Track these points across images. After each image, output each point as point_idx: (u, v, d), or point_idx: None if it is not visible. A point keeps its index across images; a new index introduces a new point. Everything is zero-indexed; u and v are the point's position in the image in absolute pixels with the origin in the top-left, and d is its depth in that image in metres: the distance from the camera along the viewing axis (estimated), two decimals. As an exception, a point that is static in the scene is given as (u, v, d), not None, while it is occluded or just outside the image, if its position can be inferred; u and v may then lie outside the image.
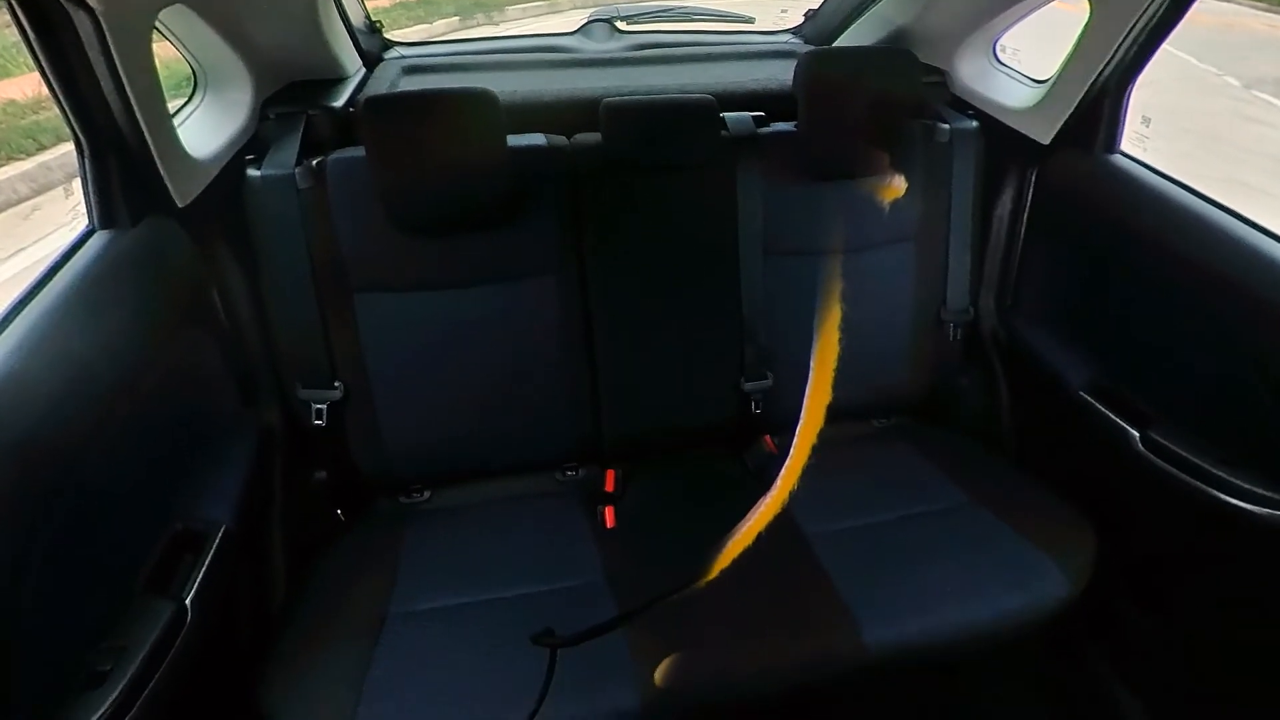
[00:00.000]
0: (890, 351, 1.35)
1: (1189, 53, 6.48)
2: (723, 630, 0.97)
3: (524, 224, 1.17)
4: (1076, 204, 1.24)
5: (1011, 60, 1.42)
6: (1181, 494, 1.01)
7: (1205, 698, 1.07)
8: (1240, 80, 6.25)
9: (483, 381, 1.20)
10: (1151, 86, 1.18)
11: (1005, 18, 1.33)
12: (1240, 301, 0.97)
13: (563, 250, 1.20)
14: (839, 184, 1.27)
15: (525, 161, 1.16)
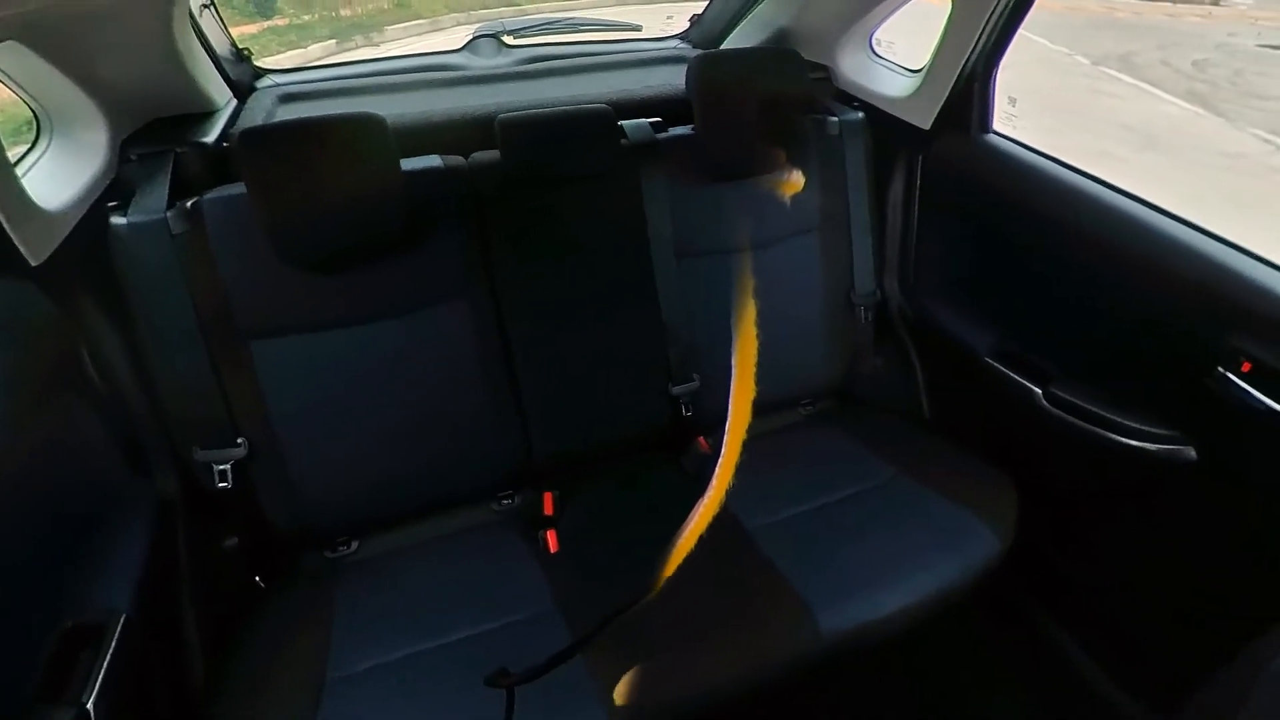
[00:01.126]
0: (807, 340, 1.41)
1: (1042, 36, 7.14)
2: (681, 637, 0.97)
3: (427, 250, 1.14)
4: (960, 183, 1.35)
5: (887, 53, 1.52)
6: (1085, 441, 1.11)
7: (1133, 622, 1.17)
8: (1089, 58, 6.96)
9: (402, 418, 1.15)
10: (1014, 69, 1.29)
11: (878, 13, 1.42)
12: (1116, 260, 1.08)
13: (471, 273, 1.17)
14: (741, 183, 1.31)
15: (422, 185, 1.13)
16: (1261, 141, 4.96)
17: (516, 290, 1.21)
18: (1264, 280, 0.92)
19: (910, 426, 1.43)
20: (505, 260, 1.20)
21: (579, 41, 1.71)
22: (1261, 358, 0.91)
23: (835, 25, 1.46)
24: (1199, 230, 1.02)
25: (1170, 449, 1.03)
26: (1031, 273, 1.24)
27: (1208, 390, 0.96)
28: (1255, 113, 5.51)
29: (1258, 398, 0.90)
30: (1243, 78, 6.44)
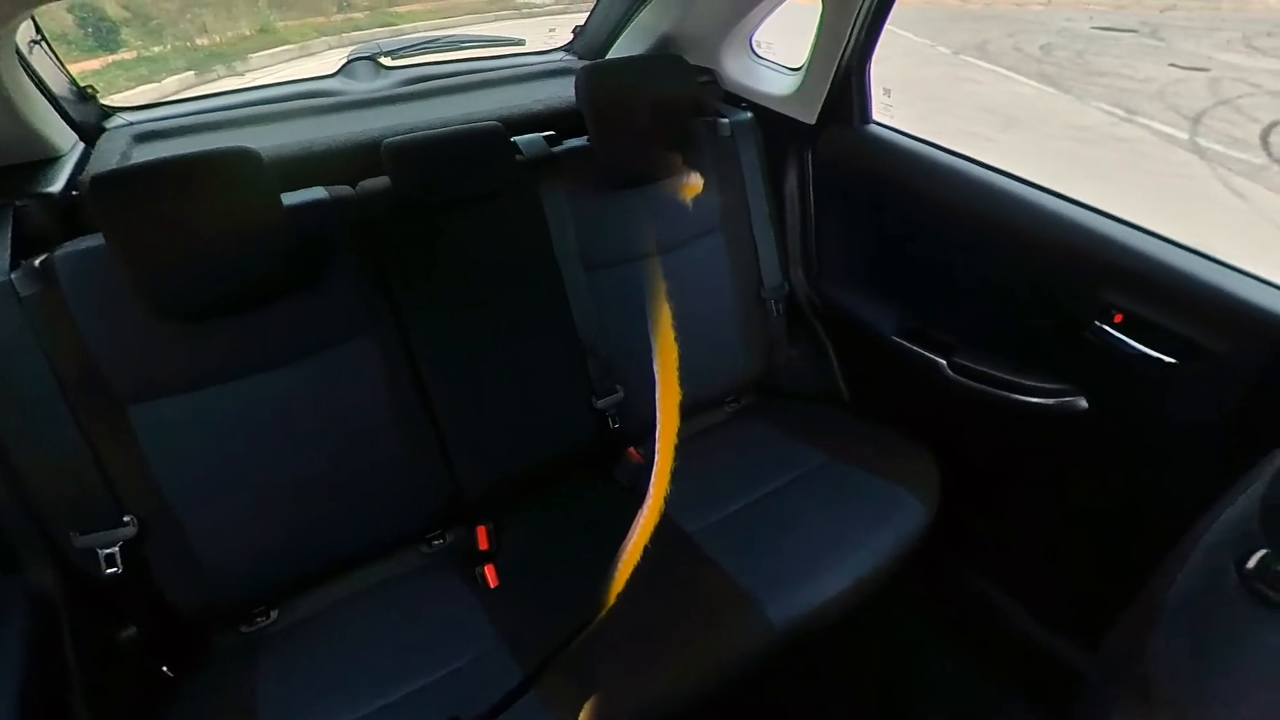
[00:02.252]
0: (724, 338, 1.44)
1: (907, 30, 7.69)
2: (635, 653, 0.97)
3: (321, 287, 1.08)
4: (849, 172, 1.43)
5: (767, 53, 1.59)
6: (990, 403, 1.20)
7: (1051, 567, 1.26)
8: (950, 48, 7.55)
9: (312, 470, 1.09)
10: (885, 62, 1.39)
11: (755, 15, 1.49)
12: (997, 232, 1.18)
13: (372, 307, 1.13)
14: (641, 189, 1.33)
15: (308, 219, 1.08)
16: (1105, 114, 5.53)
17: (423, 320, 1.17)
18: (1126, 240, 1.03)
19: (832, 410, 1.49)
20: (408, 290, 1.16)
21: (461, 59, 1.68)
22: (1130, 308, 1.02)
23: (716, 29, 1.51)
24: (1066, 199, 1.14)
25: (1064, 401, 1.13)
26: (924, 251, 1.32)
27: (1089, 343, 1.06)
28: (1098, 88, 6.15)
29: (1130, 344, 1.02)
30: (1083, 58, 7.18)
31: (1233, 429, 0.95)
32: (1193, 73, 6.39)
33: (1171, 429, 1.03)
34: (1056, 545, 1.24)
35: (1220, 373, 0.94)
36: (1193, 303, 0.96)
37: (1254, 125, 5.13)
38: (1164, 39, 7.72)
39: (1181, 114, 5.42)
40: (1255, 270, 0.95)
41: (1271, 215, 3.84)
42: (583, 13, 1.71)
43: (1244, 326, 0.91)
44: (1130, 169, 4.51)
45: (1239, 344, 0.92)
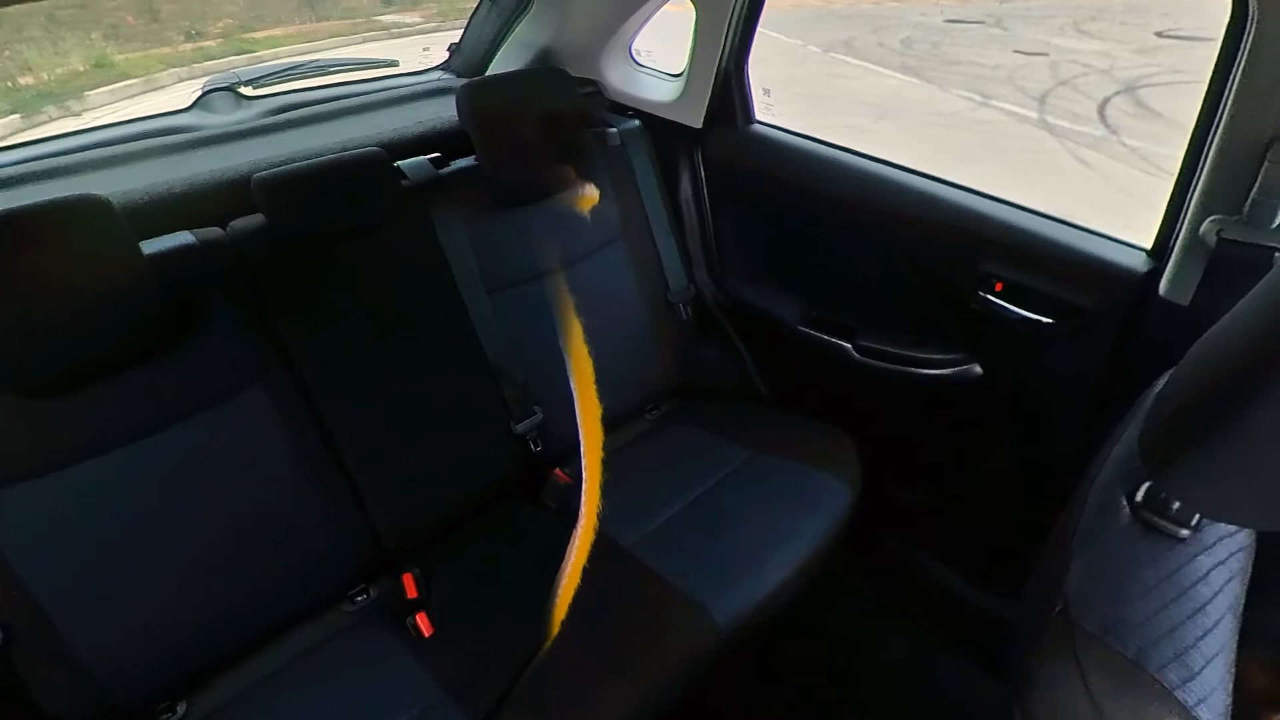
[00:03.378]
0: (637, 346, 1.45)
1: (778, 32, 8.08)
2: (587, 678, 0.95)
3: (198, 340, 1.00)
4: (739, 172, 1.48)
5: (648, 61, 1.63)
6: (895, 380, 1.28)
7: (969, 525, 1.35)
8: (820, 47, 8.00)
9: (210, 541, 1.00)
10: (762, 64, 1.46)
11: (632, 24, 1.52)
12: (883, 217, 1.26)
13: (259, 355, 1.05)
14: (537, 205, 1.33)
15: (174, 267, 1.00)
16: (964, 100, 6.03)
17: (319, 364, 1.10)
18: (997, 214, 1.14)
19: (751, 406, 1.54)
20: (298, 334, 1.09)
21: (331, 84, 1.62)
22: (1007, 276, 1.12)
23: (595, 40, 1.53)
24: (942, 182, 1.23)
25: (961, 369, 1.22)
26: (817, 241, 1.39)
27: (976, 313, 1.15)
28: (956, 76, 6.70)
29: (1011, 309, 1.12)
30: (939, 49, 7.80)
31: (1109, 375, 1.05)
32: (1035, 57, 7.08)
33: (1057, 382, 1.13)
34: (972, 505, 1.33)
35: (1091, 326, 1.05)
36: (1059, 266, 1.07)
37: (1090, 102, 5.75)
38: (1007, 28, 8.52)
39: (1029, 95, 6.00)
40: (1106, 230, 1.07)
41: (1114, 180, 4.31)
42: (456, 30, 1.69)
43: (1104, 282, 1.02)
44: (992, 148, 4.94)
45: (1102, 298, 1.03)
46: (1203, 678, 0.43)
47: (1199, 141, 0.91)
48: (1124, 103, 5.69)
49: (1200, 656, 0.44)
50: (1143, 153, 4.67)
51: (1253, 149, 0.83)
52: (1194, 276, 0.90)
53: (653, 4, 1.48)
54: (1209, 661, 0.44)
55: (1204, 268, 0.89)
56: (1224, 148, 0.86)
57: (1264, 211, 0.83)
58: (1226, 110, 0.85)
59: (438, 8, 7.76)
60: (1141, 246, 1.02)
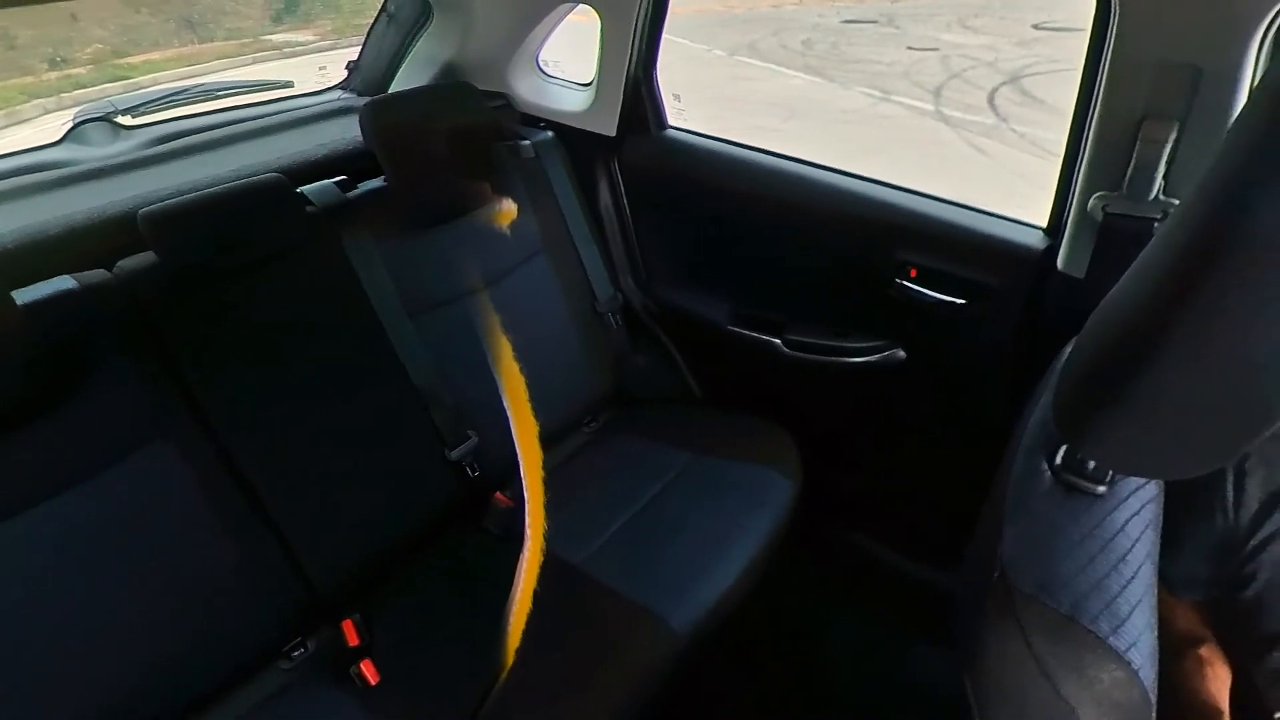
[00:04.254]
0: (569, 359, 1.45)
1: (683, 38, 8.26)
2: (548, 705, 0.94)
3: (89, 393, 0.92)
4: (656, 178, 1.50)
5: (556, 71, 1.63)
6: (825, 370, 1.32)
7: (906, 505, 1.41)
8: (725, 50, 8.22)
9: (118, 614, 0.92)
10: (670, 69, 1.49)
11: (537, 35, 1.52)
12: (801, 213, 1.30)
13: (162, 404, 0.98)
14: (454, 224, 1.30)
15: (54, 316, 0.92)
16: (866, 96, 6.33)
17: (231, 408, 1.04)
18: (908, 204, 1.21)
19: (688, 409, 1.56)
20: (204, 376, 1.03)
21: (221, 109, 1.54)
22: (921, 262, 1.19)
23: (500, 53, 1.52)
24: (854, 176, 1.29)
25: (886, 354, 1.28)
26: (741, 241, 1.43)
27: (895, 299, 1.21)
28: (856, 74, 7.03)
29: (927, 293, 1.18)
30: (838, 49, 8.17)
31: (1022, 348, 1.12)
32: (927, 53, 7.52)
33: (975, 359, 1.20)
34: (909, 485, 1.39)
35: (1001, 303, 1.12)
36: (967, 249, 1.13)
37: (980, 92, 6.15)
38: (899, 26, 9.01)
39: (925, 89, 6.36)
40: (1006, 212, 1.15)
41: (1008, 165, 4.62)
42: (353, 48, 1.64)
43: (1008, 261, 1.09)
44: (895, 141, 5.20)
45: (1007, 276, 1.10)
46: (1130, 624, 0.47)
47: (1079, 125, 0.98)
48: (1010, 92, 6.11)
49: (1126, 604, 0.48)
50: (1031, 138, 5.03)
51: (1126, 129, 0.91)
52: (1086, 250, 0.98)
53: (556, 15, 1.49)
54: (1134, 608, 0.47)
55: (1094, 241, 0.96)
56: (1101, 129, 0.94)
57: (1142, 185, 0.90)
58: (1100, 95, 0.93)
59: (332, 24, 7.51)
60: (1038, 225, 1.10)
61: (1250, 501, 0.52)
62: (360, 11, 4.32)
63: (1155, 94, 0.88)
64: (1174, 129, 0.87)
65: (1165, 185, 0.90)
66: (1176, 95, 0.86)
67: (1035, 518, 0.53)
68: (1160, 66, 0.87)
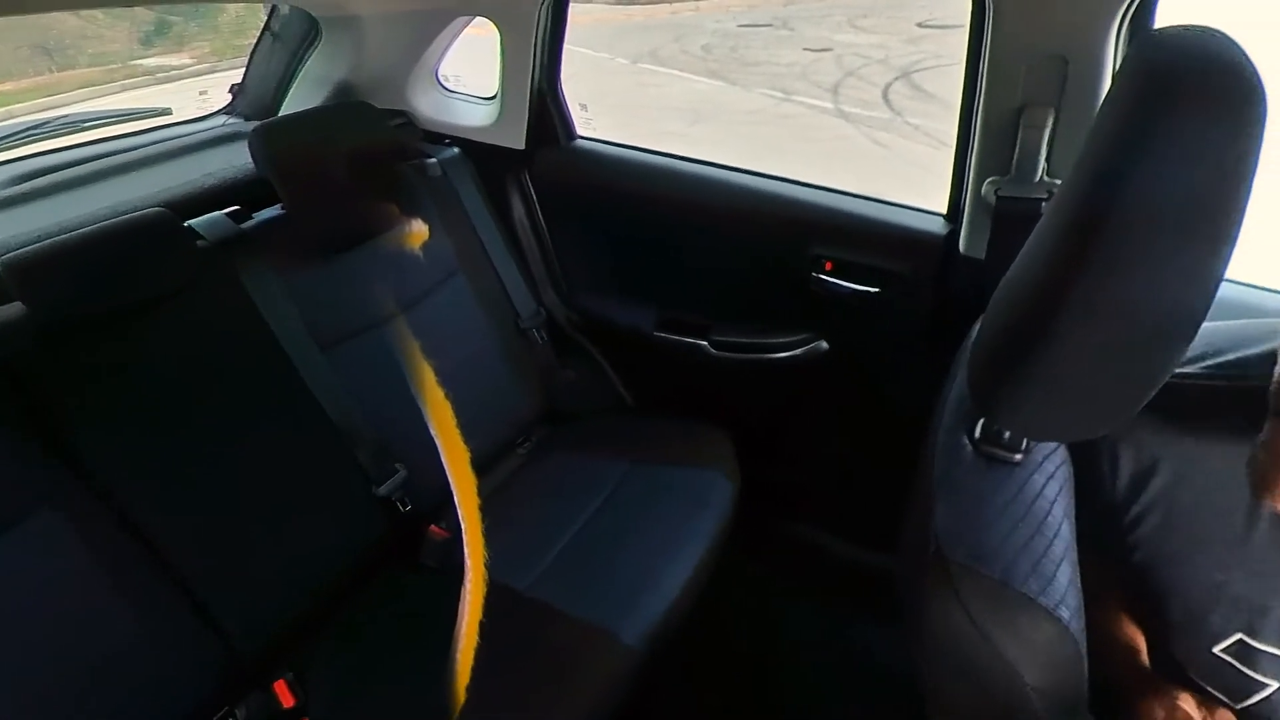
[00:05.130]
0: (496, 380, 1.43)
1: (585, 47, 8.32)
2: None
3: None
4: (570, 189, 1.51)
5: (457, 86, 1.61)
6: (754, 368, 1.36)
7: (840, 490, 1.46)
8: (627, 58, 8.33)
9: (24, 695, 0.84)
10: (574, 80, 1.49)
11: (434, 51, 1.50)
12: (716, 216, 1.34)
13: (44, 469, 0.90)
14: (361, 250, 1.26)
15: None
16: (767, 98, 6.55)
17: (125, 465, 0.96)
18: (819, 200, 1.26)
19: (622, 419, 1.56)
20: (91, 435, 0.94)
21: (91, 141, 1.43)
22: (835, 255, 1.24)
23: (398, 69, 1.49)
24: (766, 176, 1.33)
25: (809, 348, 1.33)
26: (660, 247, 1.45)
27: (814, 293, 1.26)
28: (756, 76, 7.26)
29: (843, 285, 1.23)
30: (737, 52, 8.43)
31: (935, 330, 1.19)
32: (821, 53, 7.86)
33: (894, 344, 1.26)
34: (844, 471, 1.44)
35: (912, 289, 1.18)
36: (876, 239, 1.19)
37: (875, 89, 6.48)
38: (793, 29, 9.39)
39: (823, 88, 6.64)
40: (908, 201, 1.22)
41: (906, 156, 4.89)
42: (235, 71, 1.57)
43: (914, 248, 1.16)
44: (799, 140, 5.41)
45: (915, 263, 1.16)
46: (1056, 581, 0.50)
47: (966, 115, 1.05)
48: (902, 87, 6.47)
49: (1051, 564, 0.51)
50: (925, 129, 5.34)
51: (1008, 117, 0.98)
52: (984, 232, 1.05)
53: (453, 29, 1.47)
54: (1058, 566, 0.51)
55: (991, 223, 1.03)
56: (986, 119, 1.00)
57: (1028, 169, 0.98)
58: (983, 86, 1.00)
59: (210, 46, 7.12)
60: (939, 212, 1.17)
61: (1123, 476, 0.57)
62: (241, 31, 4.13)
63: (1031, 84, 0.95)
64: (1051, 115, 0.95)
65: (1048, 167, 0.97)
66: (1050, 84, 0.94)
67: (961, 491, 0.56)
68: (1033, 58, 0.94)
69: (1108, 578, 0.59)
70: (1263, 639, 0.52)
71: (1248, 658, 0.53)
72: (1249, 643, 0.53)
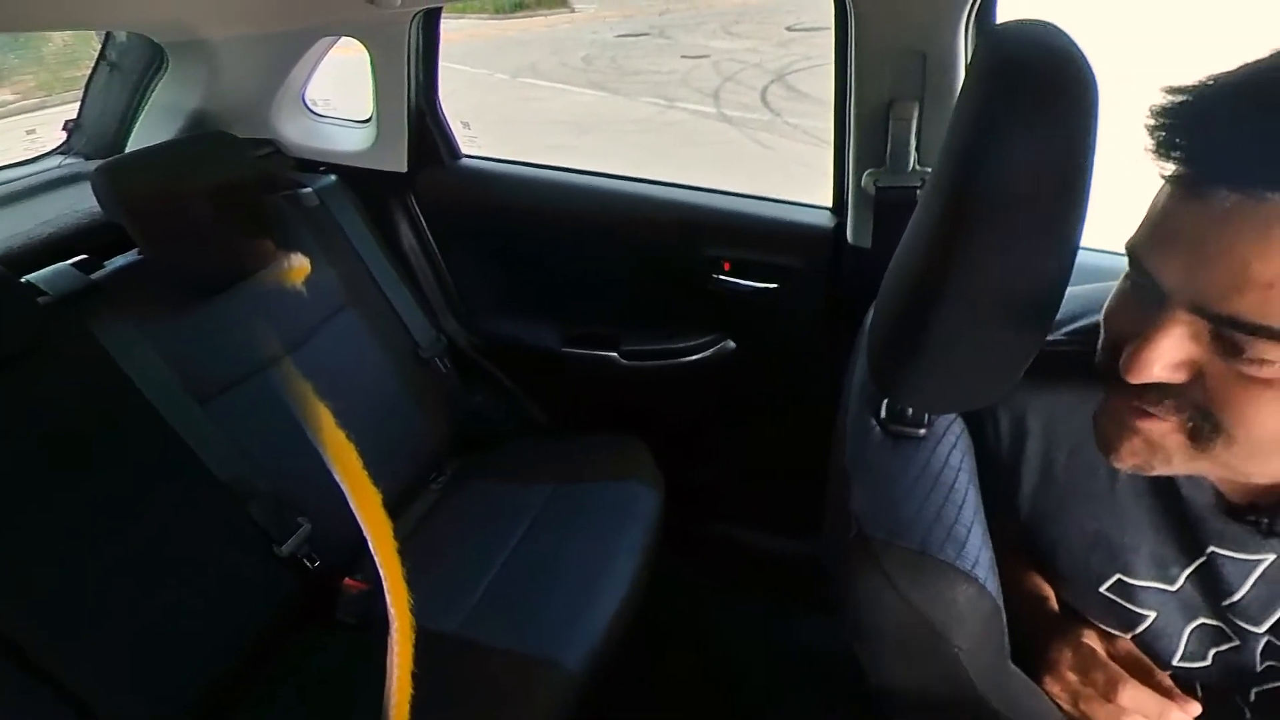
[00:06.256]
0: (400, 414, 1.37)
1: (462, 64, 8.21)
2: None
3: None
4: (458, 210, 1.49)
5: (327, 110, 1.55)
6: (665, 374, 1.38)
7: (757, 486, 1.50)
8: (507, 73, 8.30)
9: None
10: (453, 97, 1.47)
11: (297, 75, 1.43)
12: (613, 226, 1.35)
13: None
14: (236, 291, 1.18)
15: None
16: (652, 106, 6.70)
17: None
18: (712, 203, 1.30)
19: (538, 441, 1.54)
20: None
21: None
22: (731, 255, 1.28)
23: (259, 96, 1.42)
24: (658, 183, 1.36)
25: (718, 348, 1.36)
26: (558, 261, 1.45)
27: (716, 293, 1.29)
28: (639, 85, 7.42)
29: (742, 283, 1.28)
30: (617, 63, 8.57)
31: (834, 319, 1.25)
32: (700, 60, 8.13)
33: (797, 337, 1.31)
34: (765, 466, 1.48)
35: (808, 282, 1.24)
36: (769, 237, 1.25)
37: (753, 92, 6.77)
38: (670, 37, 9.66)
39: (704, 94, 6.87)
40: (796, 198, 1.28)
41: (789, 155, 5.13)
42: (69, 106, 1.45)
43: (805, 242, 1.22)
44: (686, 145, 5.56)
45: (808, 256, 1.22)
46: (969, 545, 0.54)
47: (840, 112, 1.12)
48: (779, 89, 6.79)
49: (963, 528, 0.55)
50: (804, 128, 5.62)
51: (879, 111, 1.05)
52: (868, 222, 1.11)
53: (317, 51, 1.42)
54: (969, 530, 0.55)
55: (873, 213, 1.10)
56: (859, 114, 1.07)
57: (901, 159, 1.05)
58: (852, 84, 1.06)
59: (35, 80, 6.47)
60: (825, 206, 1.23)
61: (1005, 439, 0.62)
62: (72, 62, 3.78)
63: (896, 79, 1.02)
64: (916, 108, 1.02)
65: (919, 157, 1.05)
66: (912, 79, 1.01)
67: (874, 470, 0.60)
68: (895, 55, 1.01)
69: (1010, 535, 0.64)
70: (1138, 576, 0.58)
71: (1128, 594, 0.59)
72: (1127, 581, 0.59)
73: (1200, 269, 0.40)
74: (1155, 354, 0.42)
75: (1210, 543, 0.55)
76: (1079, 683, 0.58)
